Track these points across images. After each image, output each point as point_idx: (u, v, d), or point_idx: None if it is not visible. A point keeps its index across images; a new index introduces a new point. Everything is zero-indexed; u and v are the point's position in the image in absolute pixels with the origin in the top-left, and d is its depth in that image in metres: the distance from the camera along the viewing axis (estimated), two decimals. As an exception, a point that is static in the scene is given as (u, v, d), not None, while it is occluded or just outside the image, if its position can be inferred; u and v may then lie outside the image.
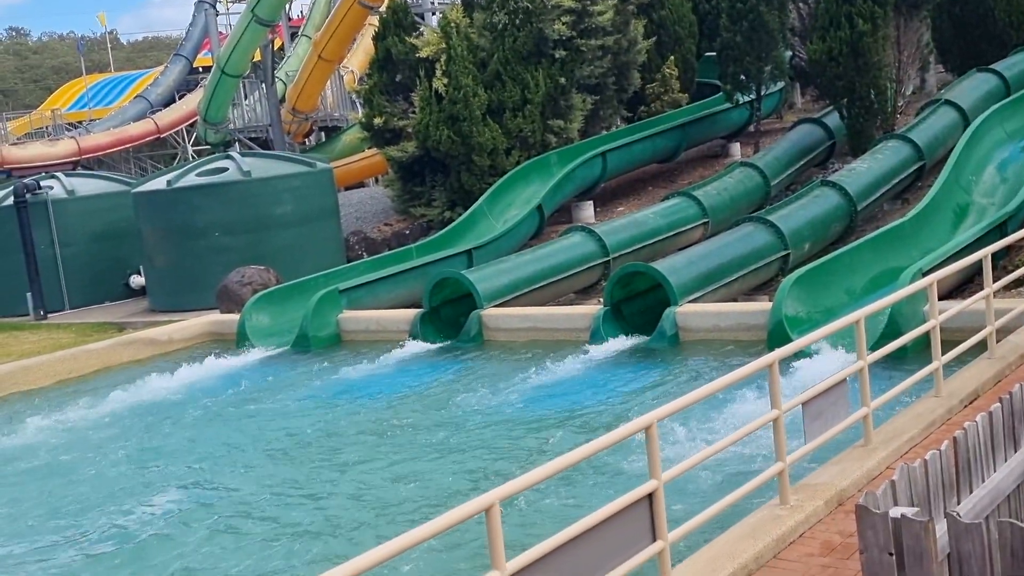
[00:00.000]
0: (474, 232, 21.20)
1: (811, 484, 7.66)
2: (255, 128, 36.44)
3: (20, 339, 20.29)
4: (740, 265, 16.60)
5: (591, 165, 24.05)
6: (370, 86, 25.63)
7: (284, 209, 22.09)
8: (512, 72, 23.82)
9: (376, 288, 18.44)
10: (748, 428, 7.14)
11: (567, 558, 5.40)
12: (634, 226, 19.62)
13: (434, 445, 11.27)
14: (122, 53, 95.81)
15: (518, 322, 16.18)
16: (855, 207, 18.85)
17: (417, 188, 24.50)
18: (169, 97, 48.72)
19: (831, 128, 24.02)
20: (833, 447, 8.34)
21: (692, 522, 6.49)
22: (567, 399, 12.46)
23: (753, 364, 7.12)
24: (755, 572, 6.56)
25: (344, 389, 14.24)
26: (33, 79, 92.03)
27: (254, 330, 17.61)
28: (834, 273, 14.76)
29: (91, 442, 12.87)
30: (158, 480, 11.13)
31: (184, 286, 21.48)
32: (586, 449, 5.75)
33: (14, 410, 15.16)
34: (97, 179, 26.03)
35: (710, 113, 27.05)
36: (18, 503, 10.89)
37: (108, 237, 24.07)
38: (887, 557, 4.56)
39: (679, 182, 25.51)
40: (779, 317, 13.52)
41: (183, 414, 13.75)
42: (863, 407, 8.26)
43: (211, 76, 35.53)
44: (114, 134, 44.39)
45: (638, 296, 15.82)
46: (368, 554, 4.54)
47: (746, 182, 21.73)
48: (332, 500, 9.91)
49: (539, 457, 10.20)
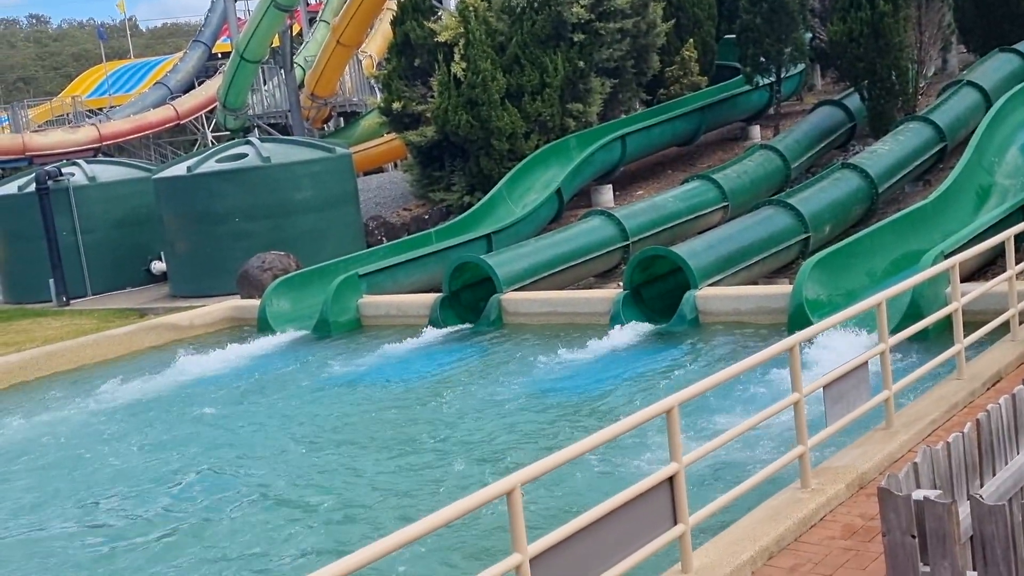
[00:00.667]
0: (493, 216, 21.20)
1: (832, 467, 7.66)
2: (274, 114, 36.51)
3: (43, 325, 20.44)
4: (760, 248, 16.55)
5: (610, 149, 23.99)
6: (388, 71, 25.62)
7: (304, 195, 22.14)
8: (531, 56, 23.77)
9: (396, 273, 18.48)
10: (769, 411, 7.14)
11: (588, 541, 5.42)
12: (653, 210, 19.57)
13: (455, 429, 11.30)
14: (141, 40, 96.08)
15: (538, 306, 16.18)
16: (876, 189, 18.75)
17: (436, 173, 24.50)
18: (188, 83, 48.89)
19: (852, 110, 23.87)
20: (854, 430, 8.33)
21: (713, 505, 6.50)
22: (588, 382, 12.46)
23: (773, 347, 7.11)
24: (776, 555, 6.56)
25: (365, 374, 14.29)
26: (53, 66, 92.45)
27: (275, 315, 17.68)
28: (855, 256, 14.69)
29: (113, 428, 12.96)
30: (181, 465, 11.19)
31: (205, 272, 21.58)
32: (606, 433, 5.76)
33: (39, 395, 15.28)
34: (118, 166, 26.16)
35: (729, 96, 26.92)
36: (43, 488, 10.99)
37: (129, 223, 24.20)
38: (910, 540, 4.55)
39: (698, 165, 25.43)
40: (799, 300, 13.47)
41: (205, 399, 13.82)
42: (885, 390, 8.24)
43: (230, 62, 35.59)
44: (134, 121, 44.58)
45: (658, 280, 15.80)
46: (392, 536, 4.57)
47: (766, 165, 21.63)
48: (355, 484, 9.95)
49: (559, 440, 10.22)
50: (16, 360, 16.60)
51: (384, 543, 4.53)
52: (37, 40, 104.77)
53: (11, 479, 11.50)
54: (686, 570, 6.17)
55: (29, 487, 11.13)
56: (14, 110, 47.00)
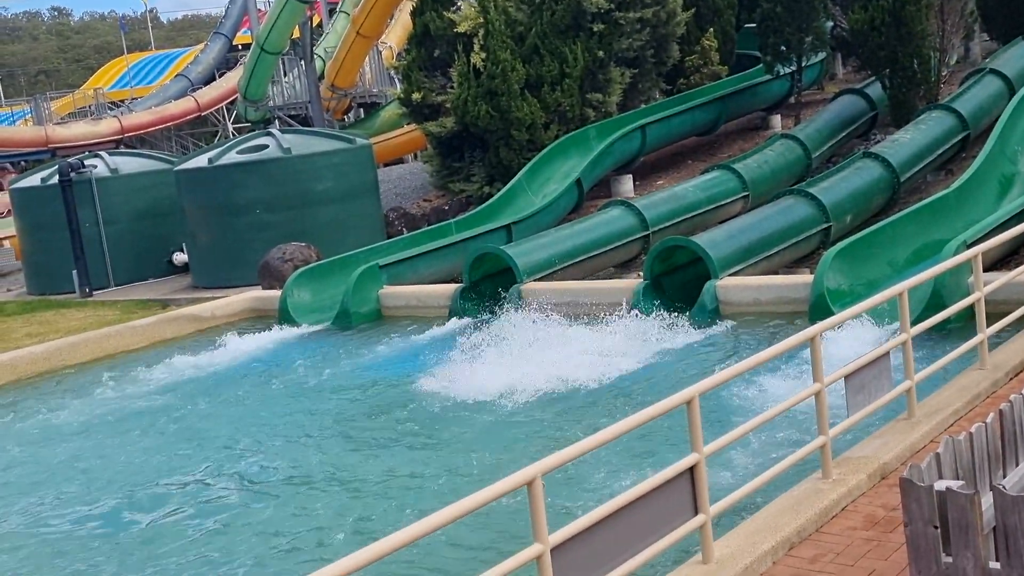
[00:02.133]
0: (513, 207, 21.19)
1: (854, 458, 7.64)
2: (294, 105, 36.60)
3: (67, 316, 20.59)
4: (781, 238, 16.49)
5: (630, 139, 23.94)
6: (408, 62, 25.63)
7: (324, 186, 22.20)
8: (550, 46, 23.73)
9: (416, 263, 18.51)
10: (790, 402, 7.13)
11: (609, 531, 5.43)
12: (674, 200, 19.53)
13: (478, 417, 11.32)
14: (162, 32, 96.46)
15: (557, 296, 16.16)
16: (898, 179, 18.65)
17: (456, 163, 24.52)
18: (209, 75, 49.04)
19: (873, 99, 23.73)
20: (876, 421, 8.31)
21: (734, 495, 6.50)
22: (609, 372, 12.45)
23: (795, 337, 7.10)
24: (797, 545, 6.56)
25: (386, 364, 14.32)
26: (75, 59, 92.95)
27: (296, 306, 17.74)
28: (876, 245, 14.62)
29: (138, 418, 13.05)
30: (205, 455, 11.26)
31: (226, 263, 21.68)
32: (628, 423, 5.77)
33: (63, 386, 15.39)
34: (140, 157, 26.27)
35: (750, 85, 26.81)
36: (70, 481, 11.07)
37: (151, 215, 24.32)
38: (932, 530, 4.55)
39: (719, 155, 25.35)
40: (821, 290, 13.43)
41: (227, 391, 13.89)
42: (907, 380, 8.21)
43: (250, 54, 35.71)
44: (155, 112, 44.77)
45: (678, 270, 15.77)
46: (415, 525, 4.59)
47: (787, 154, 21.55)
48: (378, 473, 9.98)
49: (579, 431, 10.23)
50: (40, 351, 16.72)
51: (405, 533, 4.55)
52: (59, 33, 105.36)
53: (55, 466, 11.59)
54: (707, 560, 6.18)
55: (80, 469, 11.25)
56: (37, 102, 47.28)
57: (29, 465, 11.68)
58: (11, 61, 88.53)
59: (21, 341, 18.09)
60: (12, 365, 16.23)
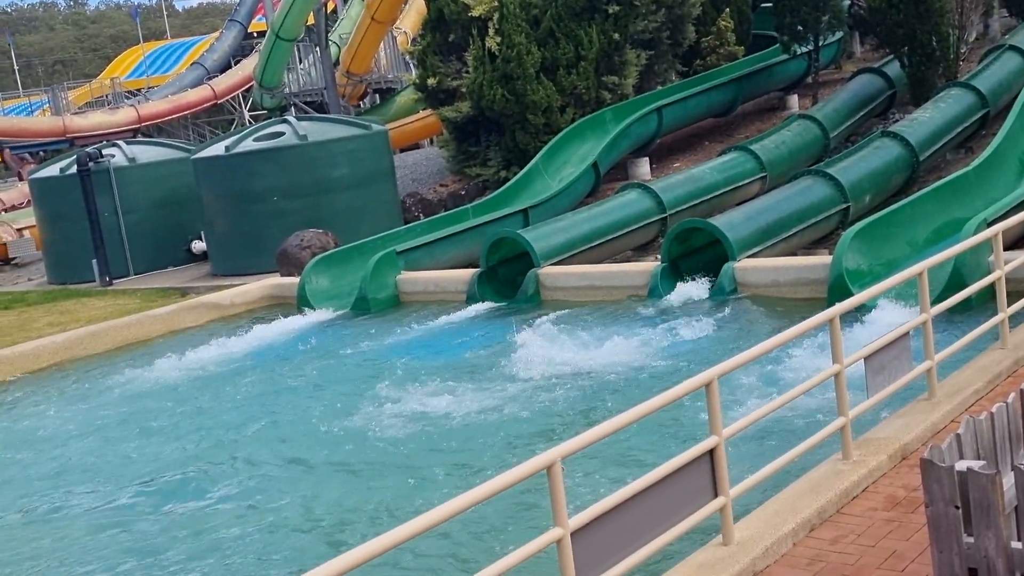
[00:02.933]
0: (530, 191, 21.17)
1: (874, 439, 7.62)
2: (310, 92, 36.63)
3: (87, 305, 20.71)
4: (799, 219, 16.42)
5: (646, 121, 23.86)
6: (423, 47, 25.60)
7: (341, 172, 22.23)
8: (565, 29, 23.65)
9: (433, 249, 18.52)
10: (810, 383, 7.11)
11: (629, 515, 5.44)
12: (691, 182, 19.47)
13: (499, 402, 11.34)
14: (177, 20, 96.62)
15: (575, 280, 16.18)
16: (917, 158, 18.53)
17: (472, 148, 24.50)
18: (225, 63, 49.13)
19: (891, 77, 23.57)
20: (896, 401, 8.28)
21: (754, 478, 6.49)
22: (629, 355, 12.45)
23: (814, 318, 7.08)
24: (818, 527, 6.55)
25: (406, 350, 14.35)
26: (92, 48, 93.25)
27: (314, 293, 17.79)
28: (896, 225, 14.55)
29: (161, 406, 13.12)
30: (230, 441, 11.32)
31: (244, 250, 21.76)
32: (646, 406, 5.76)
33: (84, 375, 15.49)
34: (157, 146, 26.36)
35: (767, 65, 26.67)
36: (94, 469, 11.16)
37: (169, 203, 24.42)
38: (953, 511, 4.53)
39: (736, 136, 25.24)
40: (840, 271, 13.37)
41: (248, 378, 13.95)
42: (927, 360, 8.18)
43: (266, 41, 35.73)
44: (172, 101, 44.91)
45: (696, 252, 15.74)
46: (437, 510, 4.61)
47: (804, 135, 21.43)
48: (399, 458, 10.01)
49: (599, 414, 10.24)
50: (62, 340, 16.83)
51: (426, 518, 4.57)
52: (75, 22, 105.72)
53: (90, 447, 11.70)
54: (727, 542, 6.18)
55: (105, 453, 11.35)
56: (54, 92, 47.52)
57: (56, 453, 11.77)
58: (28, 51, 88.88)
59: (43, 330, 18.21)
60: (35, 354, 16.35)
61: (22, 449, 12.06)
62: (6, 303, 22.23)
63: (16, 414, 13.75)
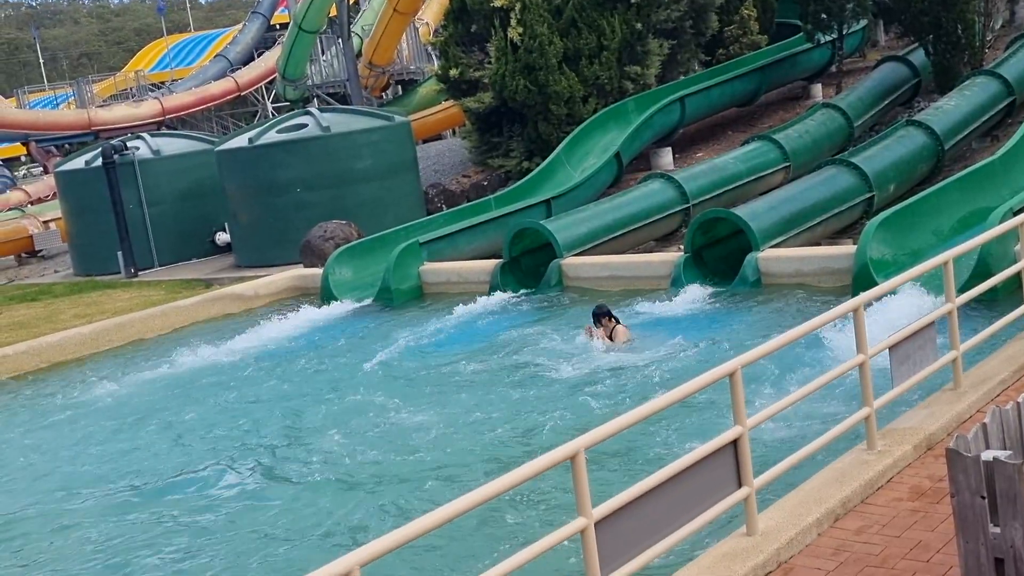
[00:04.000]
0: (552, 182, 21.15)
1: (899, 429, 7.59)
2: (333, 83, 36.67)
3: (113, 297, 20.86)
4: (823, 209, 16.35)
5: (669, 111, 23.78)
6: (445, 38, 25.59)
7: (364, 163, 22.27)
8: (587, 19, 23.59)
9: (456, 240, 18.55)
10: (834, 373, 7.09)
11: (653, 505, 5.44)
12: (714, 172, 19.40)
13: (523, 393, 11.37)
14: (200, 13, 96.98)
15: (598, 270, 16.16)
16: (942, 146, 18.41)
17: (494, 139, 24.49)
18: (248, 55, 49.21)
19: (916, 66, 23.41)
20: (921, 391, 8.25)
21: (778, 468, 6.49)
22: (653, 346, 12.44)
23: (838, 308, 7.05)
24: (843, 517, 6.54)
25: (430, 340, 14.38)
26: (116, 41, 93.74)
27: (337, 284, 17.85)
28: (920, 214, 14.46)
29: (188, 396, 13.19)
30: (258, 431, 11.39)
31: (268, 242, 21.85)
32: (670, 396, 5.77)
33: (112, 365, 15.60)
34: (181, 138, 26.47)
35: (790, 54, 26.53)
36: (118, 459, 11.25)
37: (193, 195, 24.54)
38: (979, 501, 4.52)
39: (759, 126, 25.13)
40: (864, 260, 13.31)
41: (274, 368, 14.01)
42: (952, 350, 8.14)
43: (288, 33, 35.78)
44: (196, 93, 45.03)
45: (719, 242, 15.69)
46: (460, 500, 4.64)
47: (828, 124, 21.32)
48: (425, 450, 10.05)
49: (624, 404, 10.24)
50: (88, 331, 16.96)
51: (450, 508, 4.60)
52: (100, 16, 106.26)
53: (130, 438, 11.84)
54: (751, 532, 6.18)
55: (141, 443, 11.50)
56: (79, 86, 47.75)
57: (84, 443, 11.87)
58: (53, 45, 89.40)
59: (69, 322, 18.36)
60: (61, 346, 16.48)
61: (49, 442, 12.17)
62: (33, 295, 22.42)
63: (42, 405, 13.87)
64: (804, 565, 6.04)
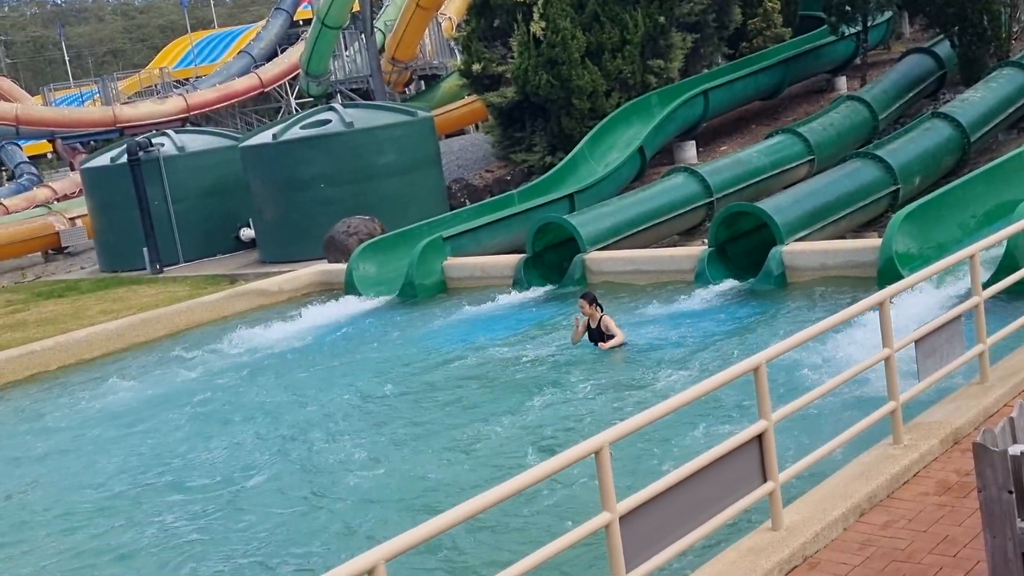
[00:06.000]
0: (575, 176, 21.14)
1: (925, 423, 7.55)
2: (356, 79, 36.78)
3: (139, 293, 21.00)
4: (848, 202, 16.27)
5: (692, 105, 23.72)
6: (468, 32, 25.61)
7: (387, 159, 22.33)
8: (610, 13, 23.54)
9: (479, 235, 18.56)
10: (859, 367, 7.06)
11: (677, 499, 5.44)
12: (738, 165, 19.34)
13: (547, 387, 11.38)
14: (224, 9, 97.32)
15: (622, 265, 16.14)
16: (968, 139, 18.28)
17: (517, 134, 24.49)
18: (271, 51, 49.40)
19: (942, 57, 23.25)
20: (948, 385, 8.20)
21: (803, 462, 6.47)
22: (676, 340, 12.43)
23: (864, 302, 7.03)
24: (868, 512, 6.51)
25: (456, 334, 14.41)
26: (140, 38, 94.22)
27: (361, 279, 17.90)
28: (946, 207, 14.37)
29: (217, 391, 13.26)
30: (289, 425, 11.45)
31: (292, 237, 21.94)
32: (696, 391, 5.76)
33: (137, 362, 15.71)
34: (205, 135, 26.65)
35: (814, 47, 26.39)
36: (145, 452, 11.33)
37: (218, 191, 24.67)
38: (1007, 495, 4.50)
39: (783, 119, 25.03)
40: (889, 254, 13.24)
41: (300, 363, 14.05)
42: (979, 344, 8.09)
43: (312, 29, 35.92)
44: (220, 90, 45.25)
45: (743, 236, 15.64)
46: (485, 495, 4.65)
47: (853, 117, 21.21)
48: (449, 442, 10.07)
49: (648, 397, 10.23)
50: (114, 328, 17.08)
51: (475, 503, 4.61)
52: (124, 13, 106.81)
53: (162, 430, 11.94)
54: (776, 527, 6.16)
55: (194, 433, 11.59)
56: (104, 83, 48.07)
57: (114, 438, 11.96)
58: (79, 42, 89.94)
59: (96, 318, 18.50)
60: (88, 341, 16.60)
61: (82, 437, 12.27)
62: (60, 291, 22.62)
63: (69, 401, 13.97)
64: (830, 560, 6.02)
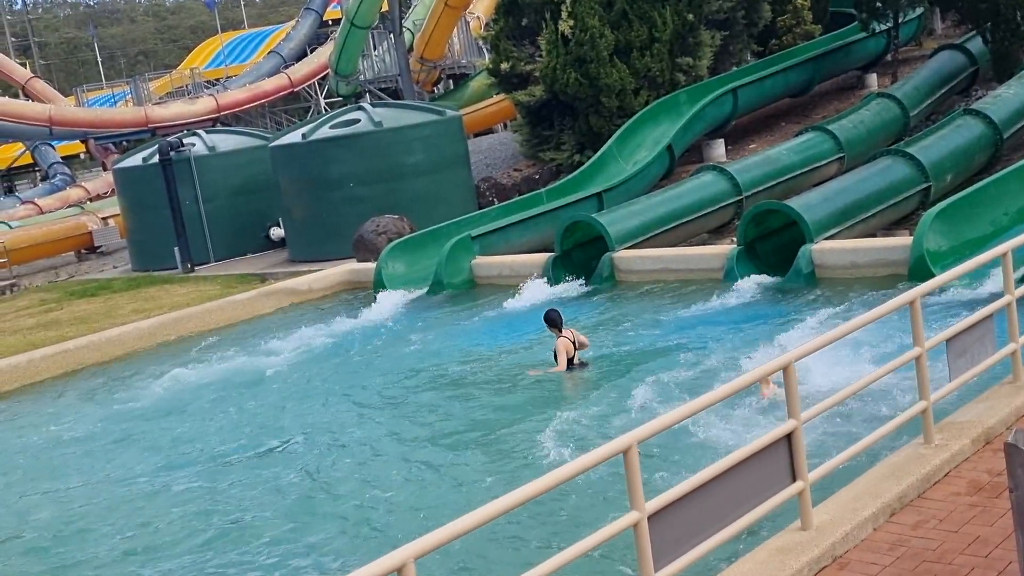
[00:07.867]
0: (604, 175, 21.11)
1: (956, 422, 7.50)
2: (385, 79, 36.87)
3: (170, 292, 21.17)
4: (878, 200, 16.16)
5: (721, 103, 23.62)
6: (496, 31, 25.62)
7: (416, 158, 22.39)
8: (639, 10, 23.49)
9: (508, 233, 18.58)
10: (890, 366, 7.02)
11: (706, 499, 5.44)
12: (767, 163, 19.26)
13: (575, 383, 11.39)
14: (254, 10, 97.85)
15: (650, 263, 16.12)
16: (1000, 135, 18.11)
17: (546, 132, 24.49)
18: (301, 51, 49.58)
19: (974, 54, 23.05)
20: (979, 385, 8.14)
21: (833, 462, 6.44)
22: (705, 338, 12.39)
23: (894, 301, 6.99)
24: (899, 512, 6.48)
25: (484, 333, 14.44)
26: (171, 39, 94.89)
27: (390, 278, 17.96)
28: (978, 205, 14.25)
29: (249, 389, 13.33)
30: (324, 420, 11.53)
31: (321, 236, 22.04)
32: (723, 390, 5.75)
33: (168, 359, 15.82)
34: (236, 135, 26.80)
35: (845, 44, 26.23)
36: (178, 446, 11.42)
37: (248, 191, 24.82)
38: (1038, 496, 4.46)
39: (813, 116, 24.89)
40: (920, 252, 13.15)
41: (331, 361, 14.12)
42: (1011, 343, 8.02)
43: (341, 29, 36.02)
44: (250, 90, 45.47)
45: (772, 234, 15.58)
46: (514, 493, 4.67)
47: (883, 114, 21.06)
48: (475, 438, 10.10)
49: (676, 397, 10.21)
50: (147, 326, 17.23)
51: (503, 501, 4.63)
52: (156, 14, 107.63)
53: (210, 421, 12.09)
54: (806, 527, 6.14)
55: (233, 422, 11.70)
56: (136, 83, 48.44)
57: (152, 433, 12.06)
58: (111, 43, 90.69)
59: (128, 317, 18.67)
60: (120, 340, 16.76)
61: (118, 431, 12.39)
62: (93, 290, 22.83)
63: (105, 399, 14.11)
64: (860, 560, 5.99)
